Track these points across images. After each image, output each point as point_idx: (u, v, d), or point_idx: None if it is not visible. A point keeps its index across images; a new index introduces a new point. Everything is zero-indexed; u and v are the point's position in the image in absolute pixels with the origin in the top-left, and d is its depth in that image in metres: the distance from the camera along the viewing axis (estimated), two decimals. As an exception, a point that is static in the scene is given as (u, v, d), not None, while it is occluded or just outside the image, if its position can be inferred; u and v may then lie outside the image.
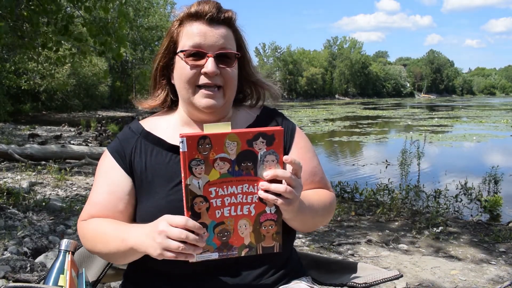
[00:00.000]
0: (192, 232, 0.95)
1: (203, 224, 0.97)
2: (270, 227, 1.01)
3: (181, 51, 1.17)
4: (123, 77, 41.00)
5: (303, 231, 1.25)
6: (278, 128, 0.98)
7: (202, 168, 0.95)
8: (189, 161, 0.94)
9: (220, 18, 1.16)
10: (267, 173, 0.97)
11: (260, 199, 0.99)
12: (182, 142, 0.92)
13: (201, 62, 1.15)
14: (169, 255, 0.95)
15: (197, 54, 1.15)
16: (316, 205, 1.18)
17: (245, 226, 1.00)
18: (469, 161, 10.95)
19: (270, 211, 1.01)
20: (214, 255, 1.00)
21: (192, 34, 1.16)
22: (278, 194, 0.98)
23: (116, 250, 1.09)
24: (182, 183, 0.95)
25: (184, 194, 0.95)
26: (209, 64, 1.13)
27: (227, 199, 0.98)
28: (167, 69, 1.24)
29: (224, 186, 0.97)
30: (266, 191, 0.98)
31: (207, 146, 0.94)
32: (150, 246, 0.98)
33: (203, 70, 1.14)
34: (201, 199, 0.96)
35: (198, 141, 0.93)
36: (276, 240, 1.03)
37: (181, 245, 0.94)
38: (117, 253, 1.10)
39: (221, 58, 1.16)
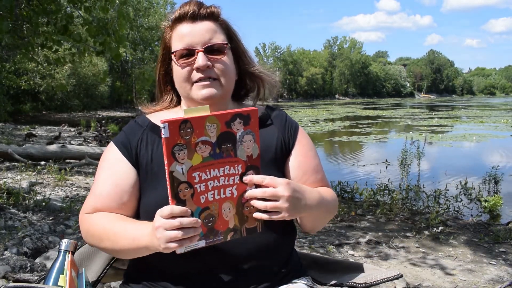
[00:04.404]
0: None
1: None
2: (251, 207, 1.02)
3: (173, 53, 1.20)
4: (123, 77, 41.02)
5: (311, 230, 1.27)
6: (253, 108, 1.00)
7: (184, 153, 0.94)
8: (172, 147, 0.93)
9: (202, 14, 1.19)
10: (246, 178, 1.01)
11: (241, 179, 1.01)
12: (164, 128, 0.92)
13: (192, 59, 1.17)
14: (174, 246, 0.95)
15: (187, 53, 1.18)
16: (328, 202, 1.22)
17: (229, 209, 1.00)
18: (469, 161, 10.95)
19: None
20: (201, 243, 0.99)
21: (180, 36, 1.19)
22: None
23: (126, 248, 1.09)
24: (166, 171, 0.94)
25: (168, 183, 0.94)
26: (199, 59, 1.16)
27: (211, 183, 0.98)
28: (168, 75, 1.27)
29: (207, 170, 0.97)
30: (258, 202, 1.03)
31: (189, 130, 0.94)
32: (157, 245, 0.98)
33: (194, 66, 1.17)
34: (186, 185, 0.95)
35: (179, 125, 0.93)
36: (258, 220, 1.03)
37: (179, 232, 0.94)
38: (126, 251, 1.10)
39: (211, 51, 1.18)
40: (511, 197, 6.57)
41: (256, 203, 1.01)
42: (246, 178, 1.01)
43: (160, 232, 0.96)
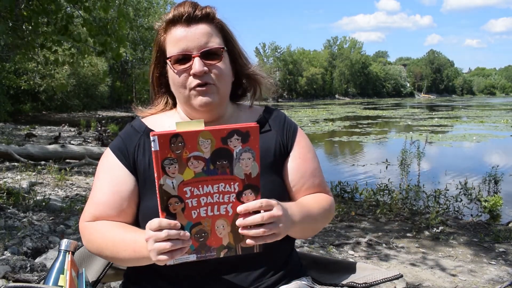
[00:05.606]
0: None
1: None
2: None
3: (168, 59, 1.18)
4: (123, 77, 41.03)
5: (301, 238, 1.25)
6: (253, 124, 0.95)
7: (175, 167, 0.92)
8: (161, 160, 0.91)
9: (197, 16, 1.16)
10: (240, 209, 0.96)
11: (238, 198, 0.97)
12: (153, 141, 0.90)
13: (188, 64, 1.15)
14: (165, 258, 0.94)
15: (183, 58, 1.15)
16: (316, 213, 1.18)
17: (223, 226, 0.98)
18: (469, 161, 10.94)
19: None
20: (192, 257, 0.98)
21: (175, 40, 1.16)
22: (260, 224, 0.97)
23: (127, 258, 1.09)
24: (156, 184, 0.92)
25: (158, 195, 0.93)
26: (196, 65, 1.13)
27: (203, 199, 0.96)
28: (163, 77, 1.25)
29: (200, 186, 0.95)
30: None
31: (180, 144, 0.91)
32: (150, 257, 0.98)
33: (191, 72, 1.14)
34: (176, 200, 0.94)
35: (170, 139, 0.91)
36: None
37: (168, 243, 0.93)
38: (128, 260, 1.10)
39: (207, 56, 1.15)
40: (511, 197, 6.57)
41: (251, 232, 0.96)
42: (241, 208, 0.96)
43: (150, 244, 0.95)
